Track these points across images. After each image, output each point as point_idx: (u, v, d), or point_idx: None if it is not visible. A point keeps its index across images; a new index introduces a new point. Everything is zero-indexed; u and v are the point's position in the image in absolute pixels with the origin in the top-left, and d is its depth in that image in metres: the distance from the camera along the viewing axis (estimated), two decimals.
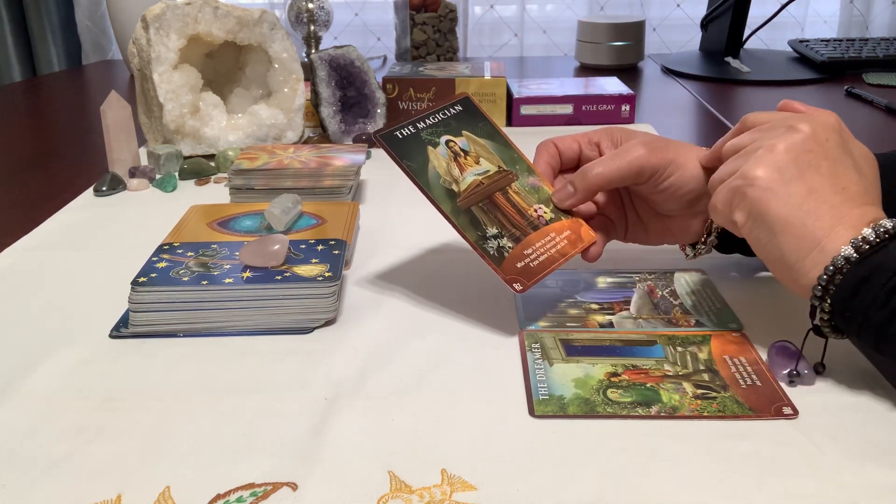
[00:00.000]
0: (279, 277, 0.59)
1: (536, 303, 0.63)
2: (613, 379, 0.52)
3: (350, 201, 0.79)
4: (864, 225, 0.47)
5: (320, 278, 0.59)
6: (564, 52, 1.89)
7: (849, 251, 0.47)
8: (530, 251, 0.59)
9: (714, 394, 0.50)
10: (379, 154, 1.00)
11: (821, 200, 0.49)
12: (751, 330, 0.58)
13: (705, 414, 0.49)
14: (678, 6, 1.90)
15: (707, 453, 0.45)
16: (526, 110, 1.14)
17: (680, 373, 0.53)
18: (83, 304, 0.64)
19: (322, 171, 0.81)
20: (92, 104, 1.34)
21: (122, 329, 0.59)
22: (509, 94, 1.16)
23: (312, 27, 1.44)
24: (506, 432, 0.47)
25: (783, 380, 0.52)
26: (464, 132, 0.63)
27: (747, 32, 1.61)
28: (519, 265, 0.57)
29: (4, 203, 0.88)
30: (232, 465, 0.45)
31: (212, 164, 0.95)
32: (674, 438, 0.46)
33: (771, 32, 1.80)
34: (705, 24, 1.63)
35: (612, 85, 1.19)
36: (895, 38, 1.55)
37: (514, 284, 0.56)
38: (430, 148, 0.61)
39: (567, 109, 1.14)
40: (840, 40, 1.55)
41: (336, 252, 0.63)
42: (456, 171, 0.60)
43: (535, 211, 0.61)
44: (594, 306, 0.62)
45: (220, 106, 0.99)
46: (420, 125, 0.62)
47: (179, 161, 0.95)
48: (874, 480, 0.43)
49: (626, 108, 1.14)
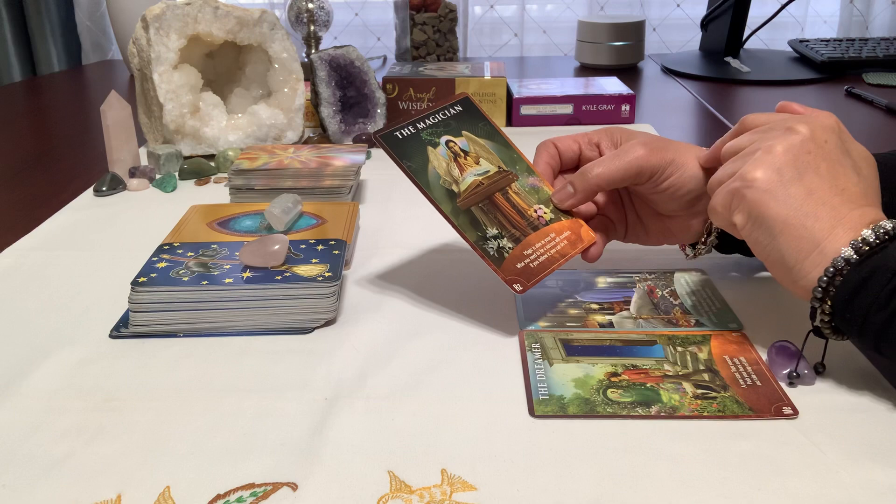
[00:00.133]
0: (279, 277, 0.59)
1: (536, 303, 0.63)
2: (613, 379, 0.52)
3: (350, 201, 0.79)
4: (864, 226, 0.47)
5: (320, 278, 0.59)
6: (564, 52, 1.89)
7: (848, 252, 0.47)
8: (530, 252, 0.59)
9: (714, 394, 0.51)
10: (379, 154, 1.00)
11: (820, 202, 0.49)
12: (751, 330, 0.58)
13: (705, 414, 0.49)
14: (678, 6, 1.90)
15: (707, 453, 0.45)
16: (526, 110, 1.14)
17: (680, 373, 0.53)
18: (83, 304, 0.64)
19: (322, 171, 0.81)
20: (92, 104, 1.34)
21: (122, 329, 0.59)
22: (509, 94, 1.16)
23: (312, 27, 1.44)
24: (506, 432, 0.47)
25: (783, 380, 0.52)
26: (464, 132, 0.63)
27: (747, 32, 1.61)
28: (519, 266, 0.57)
29: (5, 203, 0.88)
30: (232, 465, 0.45)
31: (212, 164, 0.95)
32: (674, 438, 0.47)
33: (771, 32, 1.80)
34: (705, 24, 1.63)
35: (612, 85, 1.19)
36: (895, 38, 1.55)
37: (514, 285, 0.56)
38: (430, 148, 0.61)
39: (567, 109, 1.14)
40: (840, 40, 1.55)
41: (336, 252, 0.63)
42: (456, 172, 0.60)
43: (535, 211, 0.61)
44: (594, 306, 0.62)
45: (220, 106, 0.99)
46: (420, 125, 0.62)
47: (179, 161, 0.95)
48: (874, 480, 0.43)
49: (626, 108, 1.14)
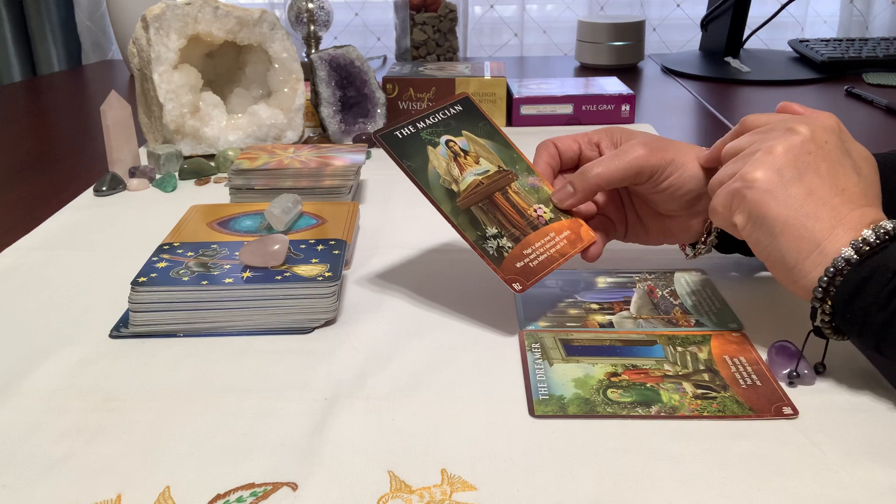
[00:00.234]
0: (279, 277, 0.59)
1: (536, 303, 0.63)
2: (613, 379, 0.52)
3: (350, 201, 0.79)
4: (864, 226, 0.47)
5: (320, 278, 0.59)
6: (564, 52, 1.89)
7: (849, 253, 0.47)
8: (530, 251, 0.59)
9: (714, 394, 0.51)
10: (379, 154, 1.00)
11: (820, 202, 0.49)
12: (751, 330, 0.58)
13: (705, 414, 0.49)
14: (678, 6, 1.90)
15: (707, 453, 0.45)
16: (526, 110, 1.14)
17: (680, 373, 0.53)
18: (83, 304, 0.64)
19: (322, 171, 0.81)
20: (92, 104, 1.34)
21: (122, 329, 0.59)
22: (509, 94, 1.16)
23: (312, 27, 1.44)
24: (506, 432, 0.47)
25: (783, 380, 0.52)
26: (464, 132, 0.63)
27: (747, 32, 1.61)
28: (518, 265, 0.57)
29: (5, 203, 0.88)
30: (232, 465, 0.45)
31: (212, 164, 0.95)
32: (674, 438, 0.47)
33: (771, 32, 1.80)
34: (705, 24, 1.63)
35: (612, 85, 1.19)
36: (895, 38, 1.55)
37: (514, 284, 0.56)
38: (430, 148, 0.61)
39: (567, 109, 1.14)
40: (840, 40, 1.55)
41: (336, 252, 0.63)
42: (456, 171, 0.60)
43: (535, 211, 0.61)
44: (594, 306, 0.62)
45: (220, 106, 0.99)
46: (420, 125, 0.62)
47: (179, 161, 0.95)
48: (874, 480, 0.43)
49: (626, 108, 1.14)
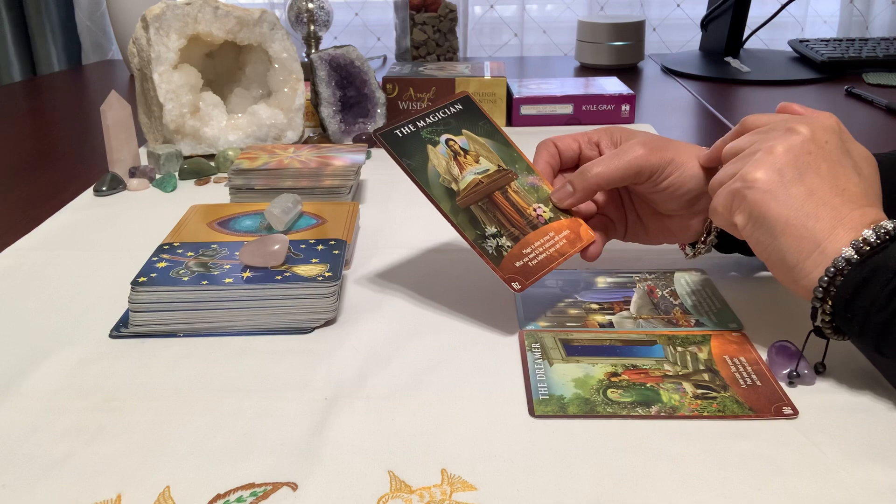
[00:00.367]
0: (279, 277, 0.59)
1: (536, 302, 0.63)
2: (613, 379, 0.52)
3: (350, 201, 0.79)
4: (865, 226, 0.47)
5: (320, 278, 0.59)
6: (564, 52, 1.89)
7: (849, 252, 0.47)
8: (529, 250, 0.59)
9: (714, 394, 0.50)
10: (379, 154, 1.00)
11: (821, 202, 0.49)
12: (751, 330, 0.58)
13: (705, 414, 0.49)
14: (678, 6, 1.90)
15: (707, 453, 0.45)
16: (526, 110, 1.14)
17: (680, 373, 0.53)
18: (83, 304, 0.64)
19: (322, 171, 0.81)
20: (92, 104, 1.34)
21: (122, 329, 0.59)
22: (509, 94, 1.16)
23: (312, 27, 1.44)
24: (506, 432, 0.47)
25: (783, 380, 0.52)
26: (464, 131, 0.63)
27: (747, 32, 1.61)
28: (517, 264, 0.57)
29: (5, 203, 0.88)
30: (232, 465, 0.45)
31: (212, 164, 0.95)
32: (674, 438, 0.46)
33: (771, 32, 1.80)
34: (705, 24, 1.63)
35: (612, 85, 1.19)
36: (895, 38, 1.55)
37: (513, 283, 0.56)
38: (430, 147, 0.61)
39: (567, 109, 1.14)
40: (840, 40, 1.55)
41: (336, 252, 0.63)
42: (455, 170, 0.60)
43: (535, 210, 0.61)
44: (594, 306, 0.62)
45: (220, 106, 0.99)
46: (420, 124, 0.62)
47: (179, 161, 0.95)
48: (874, 480, 0.43)
49: (626, 108, 1.14)
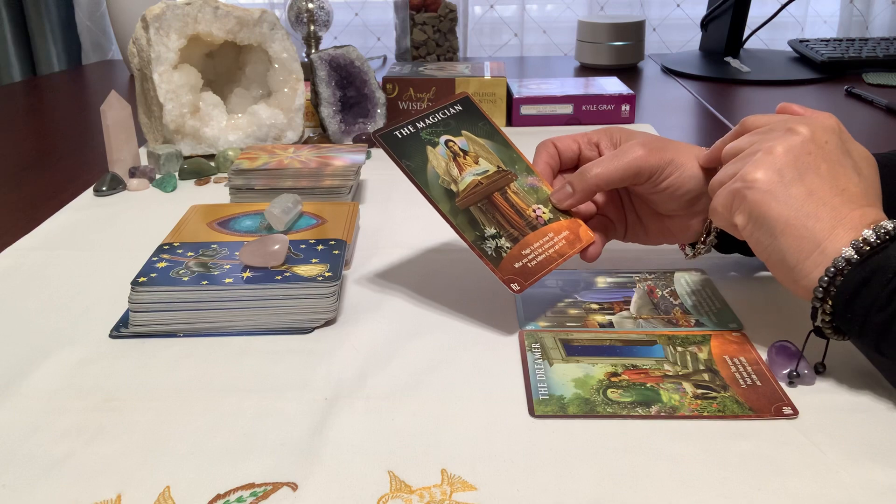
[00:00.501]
0: (279, 277, 0.59)
1: (536, 302, 0.63)
2: (613, 379, 0.52)
3: (350, 201, 0.79)
4: (865, 226, 0.47)
5: (320, 278, 0.59)
6: (564, 52, 1.89)
7: (849, 252, 0.47)
8: (528, 251, 0.59)
9: (714, 394, 0.51)
10: (379, 154, 1.00)
11: (821, 202, 0.49)
12: (751, 330, 0.58)
13: (705, 414, 0.49)
14: (678, 6, 1.90)
15: (707, 453, 0.45)
16: (526, 110, 1.14)
17: (680, 373, 0.53)
18: (83, 304, 0.64)
19: (322, 171, 0.81)
20: (92, 104, 1.34)
21: (122, 329, 0.59)
22: (509, 94, 1.16)
23: (312, 27, 1.44)
24: (506, 432, 0.47)
25: (783, 380, 0.52)
26: (463, 132, 0.63)
27: (747, 32, 1.61)
28: (517, 265, 0.57)
29: (4, 203, 0.88)
30: (232, 465, 0.45)
31: (212, 164, 0.95)
32: (674, 438, 0.47)
33: (771, 32, 1.80)
34: (705, 24, 1.63)
35: (612, 85, 1.19)
36: (895, 38, 1.55)
37: (512, 285, 0.56)
38: (430, 148, 0.61)
39: (567, 109, 1.14)
40: (840, 40, 1.55)
41: (336, 252, 0.63)
42: (455, 171, 0.60)
43: (534, 211, 0.61)
44: (594, 306, 0.62)
45: (220, 106, 0.99)
46: (419, 125, 0.62)
47: (179, 161, 0.95)
48: (874, 480, 0.43)
49: (626, 108, 1.14)
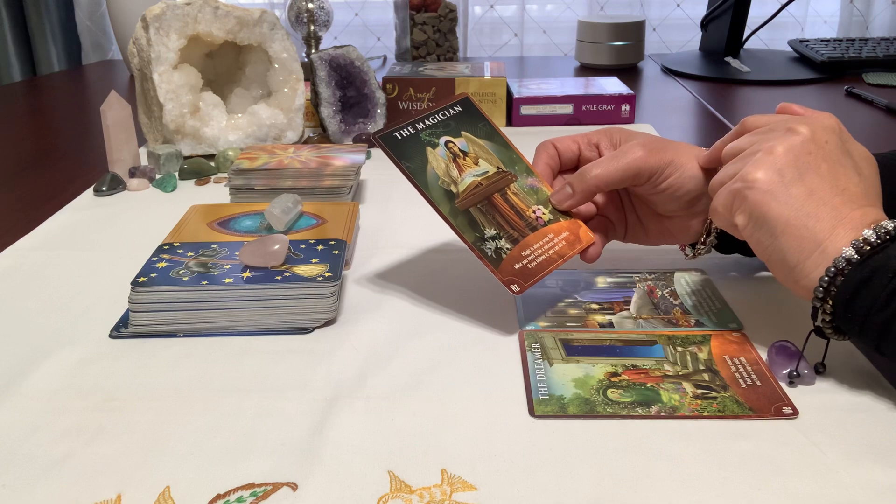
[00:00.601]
0: (279, 277, 0.59)
1: (536, 303, 0.63)
2: (613, 379, 0.52)
3: (350, 201, 0.79)
4: (865, 226, 0.47)
5: (320, 278, 0.59)
6: (564, 52, 1.89)
7: (850, 252, 0.47)
8: (528, 252, 0.59)
9: (714, 394, 0.51)
10: (379, 154, 1.00)
11: (821, 202, 0.49)
12: (751, 330, 0.58)
13: (705, 414, 0.49)
14: (678, 6, 1.90)
15: (707, 453, 0.45)
16: (526, 110, 1.14)
17: (680, 373, 0.53)
18: (83, 304, 0.64)
19: (322, 171, 0.81)
20: (92, 104, 1.34)
21: (122, 329, 0.59)
22: (509, 94, 1.16)
23: (312, 27, 1.44)
24: (506, 432, 0.47)
25: (783, 380, 0.52)
26: (463, 133, 0.63)
27: (747, 32, 1.61)
28: (516, 266, 0.57)
29: (4, 203, 0.88)
30: (232, 465, 0.45)
31: (212, 164, 0.95)
32: (674, 438, 0.47)
33: (771, 32, 1.80)
34: (705, 24, 1.63)
35: (612, 85, 1.19)
36: (895, 38, 1.55)
37: (512, 286, 0.56)
38: (429, 149, 0.61)
39: (567, 109, 1.14)
40: (840, 40, 1.55)
41: (336, 252, 0.63)
42: (455, 173, 0.60)
43: (534, 212, 0.61)
44: (594, 306, 0.62)
45: (220, 106, 0.99)
46: (419, 126, 0.62)
47: (179, 161, 0.95)
48: (874, 480, 0.43)
49: (626, 108, 1.14)
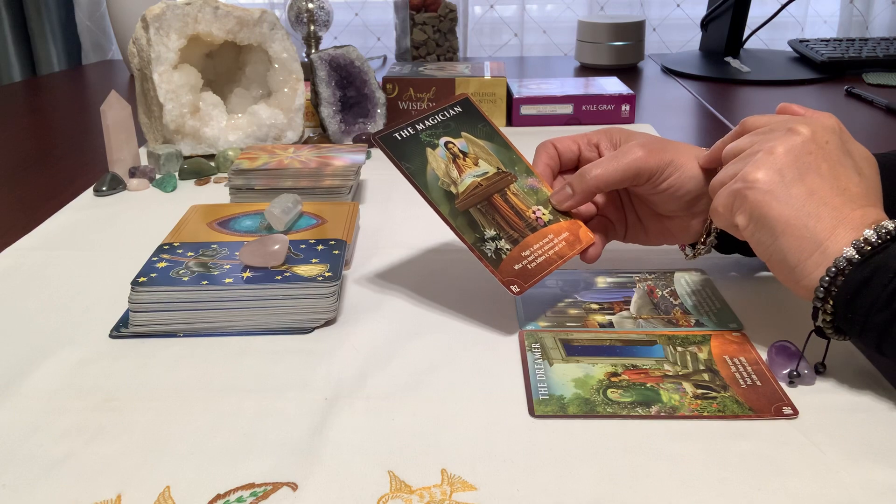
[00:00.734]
0: (279, 277, 0.59)
1: (536, 303, 0.63)
2: (613, 379, 0.52)
3: (350, 201, 0.79)
4: (866, 226, 0.47)
5: (320, 278, 0.59)
6: (564, 52, 1.89)
7: (850, 252, 0.47)
8: (528, 253, 0.59)
9: (714, 394, 0.51)
10: (379, 154, 1.00)
11: (822, 202, 0.49)
12: (751, 330, 0.58)
13: (705, 414, 0.49)
14: (678, 6, 1.90)
15: (707, 453, 0.45)
16: (526, 110, 1.14)
17: (680, 373, 0.53)
18: (83, 304, 0.64)
19: (322, 171, 0.81)
20: (92, 104, 1.34)
21: (122, 329, 0.59)
22: (509, 94, 1.16)
23: (312, 27, 1.44)
24: (506, 432, 0.47)
25: (783, 380, 0.52)
26: (463, 133, 0.63)
27: (747, 32, 1.61)
28: (516, 267, 0.57)
29: (4, 203, 0.88)
30: (232, 465, 0.45)
31: (212, 164, 0.95)
32: (674, 438, 0.47)
33: (771, 32, 1.80)
34: (705, 24, 1.63)
35: (612, 85, 1.19)
36: (895, 38, 1.55)
37: (511, 286, 0.56)
38: (429, 149, 0.61)
39: (567, 109, 1.14)
40: (840, 40, 1.55)
41: (336, 252, 0.63)
42: (455, 173, 0.60)
43: (534, 213, 0.61)
44: (594, 306, 0.62)
45: (220, 106, 0.99)
46: (419, 126, 0.62)
47: (179, 161, 0.95)
48: (874, 480, 0.43)
49: (626, 108, 1.14)
